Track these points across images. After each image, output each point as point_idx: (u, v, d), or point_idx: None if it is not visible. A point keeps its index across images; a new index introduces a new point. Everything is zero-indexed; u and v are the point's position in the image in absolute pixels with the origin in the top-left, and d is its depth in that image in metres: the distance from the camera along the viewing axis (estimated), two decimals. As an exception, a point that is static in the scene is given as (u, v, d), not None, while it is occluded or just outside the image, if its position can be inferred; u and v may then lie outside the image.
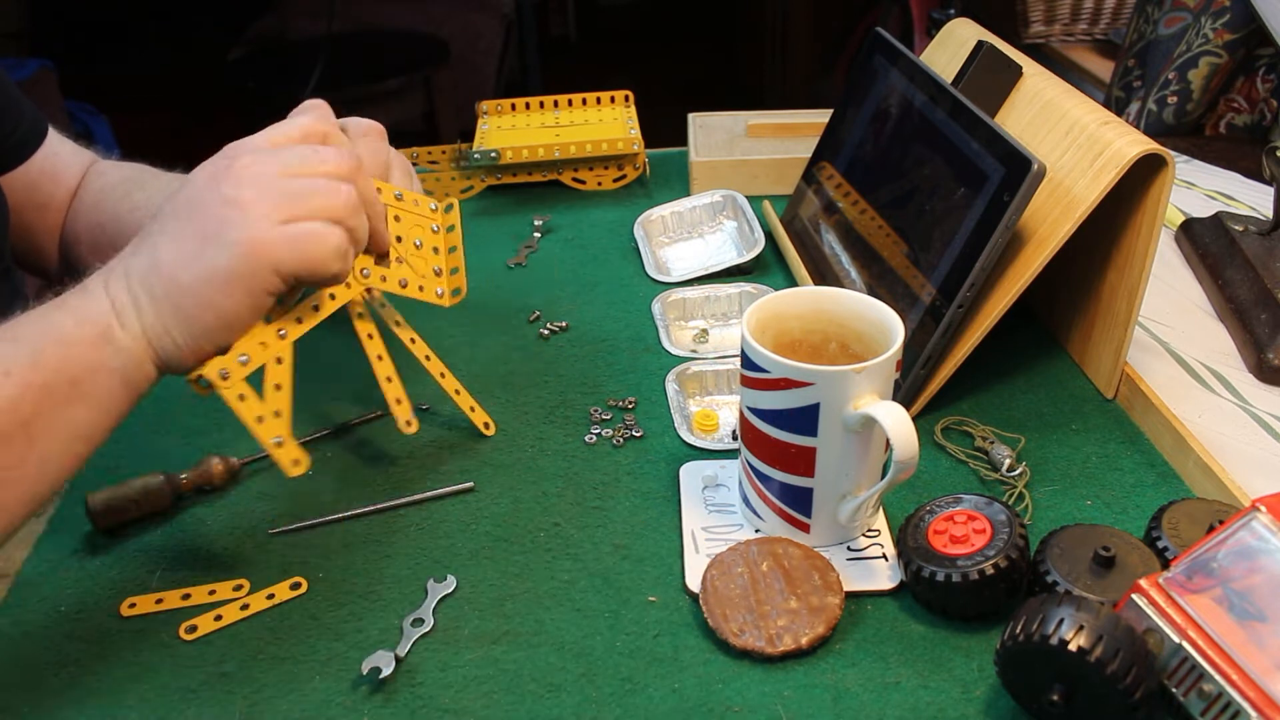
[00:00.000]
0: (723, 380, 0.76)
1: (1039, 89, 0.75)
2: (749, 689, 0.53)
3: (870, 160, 0.84)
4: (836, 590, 0.57)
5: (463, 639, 0.56)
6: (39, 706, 0.53)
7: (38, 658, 0.56)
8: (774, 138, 1.09)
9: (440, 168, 1.05)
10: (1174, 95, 1.26)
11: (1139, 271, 0.68)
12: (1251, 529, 0.47)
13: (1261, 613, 0.45)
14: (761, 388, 0.57)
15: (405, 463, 0.69)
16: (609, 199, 1.05)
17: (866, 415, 0.55)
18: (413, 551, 0.62)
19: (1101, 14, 1.94)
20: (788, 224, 0.94)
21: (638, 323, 0.84)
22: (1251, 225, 0.89)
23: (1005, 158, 0.67)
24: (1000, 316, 0.68)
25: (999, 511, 0.57)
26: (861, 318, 0.61)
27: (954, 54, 0.86)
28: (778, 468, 0.59)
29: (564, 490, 0.67)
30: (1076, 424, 0.72)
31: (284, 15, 3.07)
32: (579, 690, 0.53)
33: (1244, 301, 0.82)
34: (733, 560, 0.59)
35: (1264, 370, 0.76)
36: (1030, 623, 0.47)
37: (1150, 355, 0.79)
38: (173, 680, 0.55)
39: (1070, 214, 0.66)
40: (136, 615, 0.58)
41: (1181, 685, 0.46)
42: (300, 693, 0.54)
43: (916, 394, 0.71)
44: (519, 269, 0.93)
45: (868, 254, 0.79)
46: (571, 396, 0.76)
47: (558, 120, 1.10)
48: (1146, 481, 0.66)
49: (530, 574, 0.60)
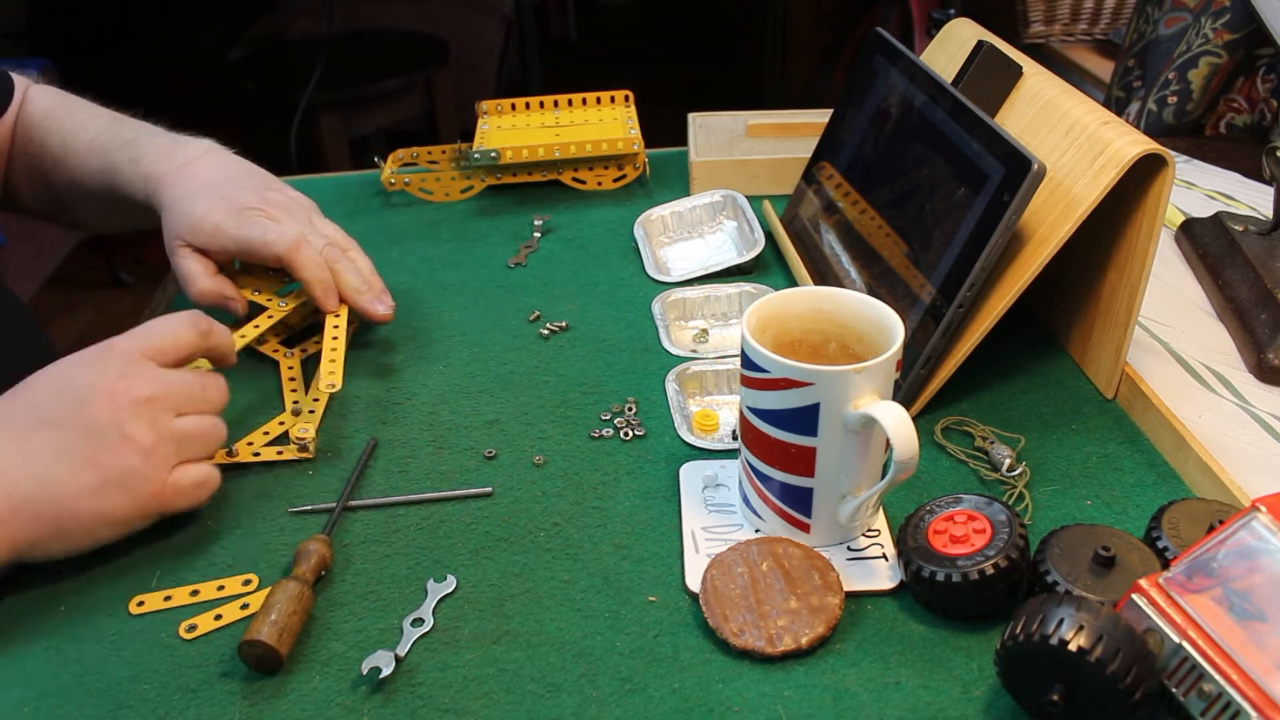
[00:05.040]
0: (723, 380, 0.76)
1: (1039, 89, 0.75)
2: (749, 689, 0.53)
3: (870, 160, 0.84)
4: (836, 590, 0.57)
5: (463, 639, 0.56)
6: (39, 706, 0.53)
7: (37, 657, 0.56)
8: (774, 138, 1.09)
9: (440, 168, 1.05)
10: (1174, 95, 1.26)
11: (1139, 271, 0.68)
12: (1251, 529, 0.47)
13: (1261, 613, 0.45)
14: (761, 388, 0.57)
15: (406, 462, 0.69)
16: (609, 199, 1.05)
17: (866, 415, 0.55)
18: (413, 551, 0.62)
19: (1101, 14, 1.94)
20: (788, 224, 0.94)
21: (638, 323, 0.84)
22: (1251, 225, 0.89)
23: (1005, 158, 0.67)
24: (1000, 316, 0.68)
25: (999, 511, 0.57)
26: (861, 318, 0.61)
27: (954, 54, 0.86)
28: (778, 468, 0.59)
29: (564, 490, 0.67)
30: (1076, 424, 0.72)
31: (284, 15, 3.07)
32: (579, 690, 0.53)
33: (1244, 301, 0.82)
34: (733, 560, 0.59)
35: (1264, 370, 0.76)
36: (1030, 623, 0.47)
37: (1150, 355, 0.79)
38: (173, 680, 0.55)
39: (1070, 214, 0.66)
40: (141, 614, 0.58)
41: (1181, 685, 0.46)
42: (300, 693, 0.54)
43: (916, 394, 0.71)
44: (519, 269, 0.93)
45: (868, 254, 0.79)
46: (571, 396, 0.76)
47: (558, 120, 1.10)
48: (1146, 481, 0.66)
49: (530, 574, 0.60)
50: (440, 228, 1.00)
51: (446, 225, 1.00)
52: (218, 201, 0.76)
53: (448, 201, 1.05)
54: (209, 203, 0.76)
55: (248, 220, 0.75)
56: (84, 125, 0.85)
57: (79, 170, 0.84)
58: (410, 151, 1.06)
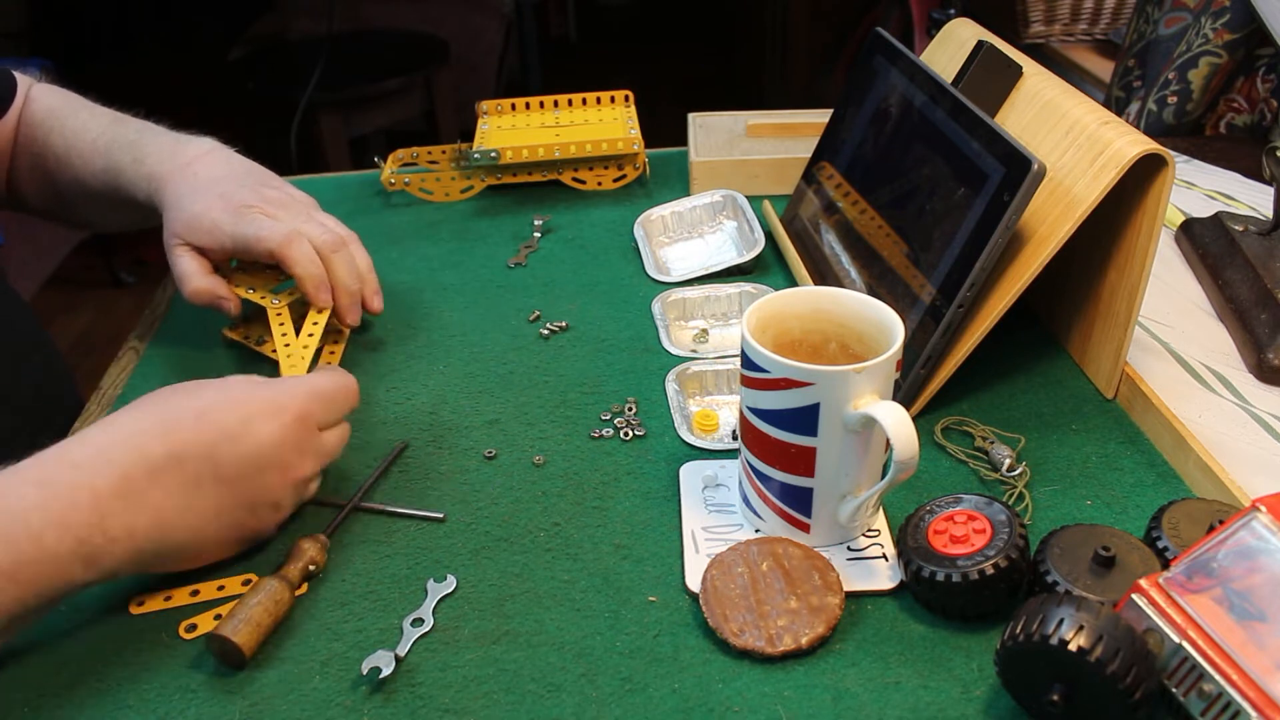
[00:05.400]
0: (723, 380, 0.76)
1: (1039, 89, 0.75)
2: (749, 689, 0.53)
3: (870, 160, 0.84)
4: (836, 590, 0.57)
5: (463, 639, 0.56)
6: (38, 707, 0.53)
7: (37, 657, 0.56)
8: (774, 138, 1.09)
9: (440, 168, 1.05)
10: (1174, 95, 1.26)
11: (1139, 271, 0.68)
12: (1251, 529, 0.47)
13: (1261, 613, 0.45)
14: (761, 388, 0.57)
15: (406, 462, 0.69)
16: (609, 199, 1.05)
17: (866, 415, 0.55)
18: (413, 551, 0.62)
19: (1101, 14, 1.94)
20: (788, 224, 0.94)
21: (638, 323, 0.84)
22: (1251, 225, 0.89)
23: (1005, 158, 0.67)
24: (1000, 316, 0.68)
25: (999, 511, 0.57)
26: (861, 318, 0.61)
27: (954, 54, 0.86)
28: (778, 468, 0.59)
29: (564, 490, 0.67)
30: (1076, 424, 0.72)
31: (284, 15, 3.07)
32: (579, 690, 0.53)
33: (1244, 301, 0.82)
34: (733, 560, 0.59)
35: (1264, 370, 0.76)
36: (1030, 623, 0.47)
37: (1150, 355, 0.79)
38: (173, 680, 0.55)
39: (1070, 214, 0.66)
40: (141, 614, 0.58)
41: (1181, 685, 0.46)
42: (300, 693, 0.54)
43: (916, 394, 0.71)
44: (519, 269, 0.93)
45: (868, 254, 0.79)
46: (571, 396, 0.76)
47: (558, 120, 1.10)
48: (1146, 481, 0.66)
49: (530, 574, 0.60)
50: (440, 228, 1.00)
51: (446, 225, 1.00)
52: (216, 199, 0.76)
53: (448, 201, 1.05)
54: (207, 200, 0.76)
55: (244, 217, 0.75)
56: (87, 125, 0.85)
57: (82, 170, 0.84)
58: (410, 151, 1.06)
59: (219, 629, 0.54)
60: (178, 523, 0.56)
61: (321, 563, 0.60)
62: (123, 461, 0.55)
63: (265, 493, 0.60)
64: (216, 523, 0.58)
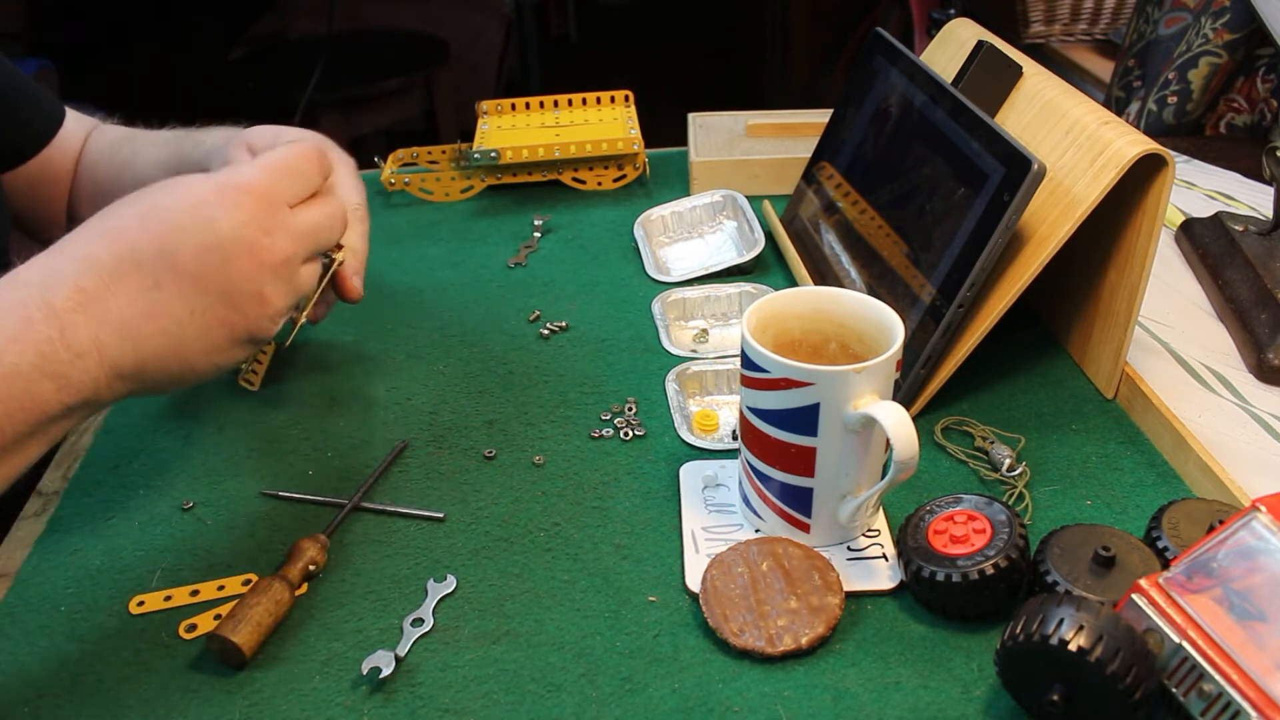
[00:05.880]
0: (723, 380, 0.76)
1: (1039, 89, 0.75)
2: (749, 689, 0.53)
3: (870, 160, 0.84)
4: (836, 590, 0.57)
5: (463, 639, 0.56)
6: (38, 707, 0.53)
7: (37, 657, 0.56)
8: (774, 138, 1.09)
9: (440, 168, 1.05)
10: (1174, 95, 1.26)
11: (1139, 271, 0.68)
12: (1251, 529, 0.47)
13: (1261, 613, 0.45)
14: (761, 388, 0.57)
15: (406, 462, 0.69)
16: (609, 199, 1.05)
17: (866, 415, 0.55)
18: (413, 551, 0.62)
19: (1101, 14, 1.94)
20: (788, 224, 0.94)
21: (638, 323, 0.84)
22: (1251, 225, 0.89)
23: (1005, 158, 0.67)
24: (1000, 316, 0.68)
25: (999, 511, 0.57)
26: (861, 318, 0.61)
27: (954, 54, 0.86)
28: (778, 468, 0.59)
29: (564, 490, 0.67)
30: (1076, 424, 0.72)
31: (284, 15, 3.07)
32: (579, 690, 0.53)
33: (1244, 301, 0.82)
34: (733, 560, 0.59)
35: (1264, 370, 0.76)
36: (1030, 623, 0.47)
37: (1150, 355, 0.79)
38: (173, 680, 0.55)
39: (1070, 214, 0.66)
40: (141, 614, 0.58)
41: (1181, 685, 0.46)
42: (300, 693, 0.54)
43: (916, 394, 0.71)
44: (519, 269, 0.93)
45: (868, 254, 0.79)
46: (571, 396, 0.76)
47: (558, 120, 1.10)
48: (1146, 481, 0.66)
49: (530, 574, 0.60)
50: (440, 228, 1.00)
51: (446, 225, 1.00)
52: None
53: (448, 201, 1.05)
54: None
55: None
56: (152, 138, 0.87)
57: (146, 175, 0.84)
58: (410, 151, 1.06)
59: (219, 629, 0.54)
60: (148, 329, 0.54)
61: (321, 563, 0.60)
62: (73, 273, 0.52)
63: (240, 282, 0.56)
64: (194, 325, 0.55)
